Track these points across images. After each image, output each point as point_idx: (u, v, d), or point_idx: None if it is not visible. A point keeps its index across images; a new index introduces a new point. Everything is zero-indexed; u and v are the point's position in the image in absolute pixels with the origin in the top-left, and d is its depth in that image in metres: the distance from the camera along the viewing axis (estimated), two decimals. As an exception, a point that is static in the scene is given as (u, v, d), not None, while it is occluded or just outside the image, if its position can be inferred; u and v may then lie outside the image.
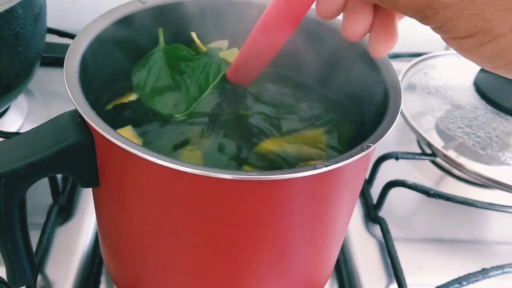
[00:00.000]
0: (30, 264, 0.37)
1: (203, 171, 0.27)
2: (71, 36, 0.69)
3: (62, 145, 0.31)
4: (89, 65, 0.35)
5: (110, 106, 0.40)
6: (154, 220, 0.32)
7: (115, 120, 0.37)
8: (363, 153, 0.29)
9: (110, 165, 0.32)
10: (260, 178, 0.27)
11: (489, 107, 0.59)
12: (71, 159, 0.32)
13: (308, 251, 0.35)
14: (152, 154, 0.27)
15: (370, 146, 0.30)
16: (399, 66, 0.64)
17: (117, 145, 0.28)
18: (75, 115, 0.32)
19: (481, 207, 0.52)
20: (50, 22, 0.59)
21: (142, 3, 0.40)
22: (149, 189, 0.31)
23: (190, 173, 0.27)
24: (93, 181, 0.34)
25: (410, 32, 0.79)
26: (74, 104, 0.30)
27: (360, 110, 0.40)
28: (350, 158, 0.29)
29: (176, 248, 0.33)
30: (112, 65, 0.39)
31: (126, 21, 0.38)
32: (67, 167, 0.32)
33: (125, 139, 0.28)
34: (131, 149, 0.28)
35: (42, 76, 0.62)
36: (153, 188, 0.31)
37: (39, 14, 0.52)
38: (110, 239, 0.39)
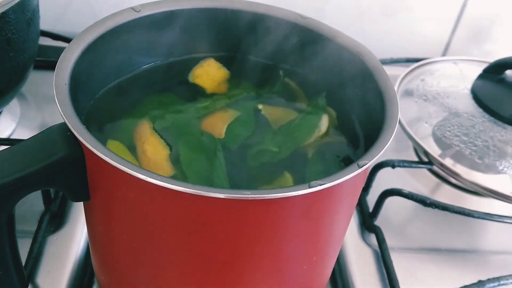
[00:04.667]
0: (19, 278, 0.36)
1: (195, 190, 0.26)
2: (65, 39, 0.68)
3: (52, 159, 0.31)
4: (80, 77, 0.34)
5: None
6: (145, 236, 0.32)
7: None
8: (359, 171, 0.29)
9: (101, 180, 0.31)
10: (254, 197, 0.27)
11: (487, 116, 0.59)
12: (61, 173, 0.31)
13: (303, 267, 0.35)
14: (142, 171, 0.27)
15: (365, 164, 0.29)
16: (396, 72, 0.63)
17: (106, 161, 0.27)
18: (65, 128, 0.31)
19: (478, 217, 0.51)
20: (44, 24, 0.58)
21: (135, 11, 0.39)
22: (140, 206, 0.30)
23: (181, 192, 0.27)
24: (83, 196, 0.33)
25: (408, 37, 0.79)
26: (63, 118, 0.29)
27: (356, 122, 0.40)
28: (345, 176, 0.28)
29: (168, 266, 0.33)
30: (105, 76, 0.39)
31: (119, 31, 0.38)
32: (57, 181, 0.32)
33: (115, 155, 0.28)
34: (121, 166, 0.27)
35: (35, 79, 0.60)
36: (144, 205, 0.30)
37: (32, 19, 0.51)
38: (101, 252, 0.38)
